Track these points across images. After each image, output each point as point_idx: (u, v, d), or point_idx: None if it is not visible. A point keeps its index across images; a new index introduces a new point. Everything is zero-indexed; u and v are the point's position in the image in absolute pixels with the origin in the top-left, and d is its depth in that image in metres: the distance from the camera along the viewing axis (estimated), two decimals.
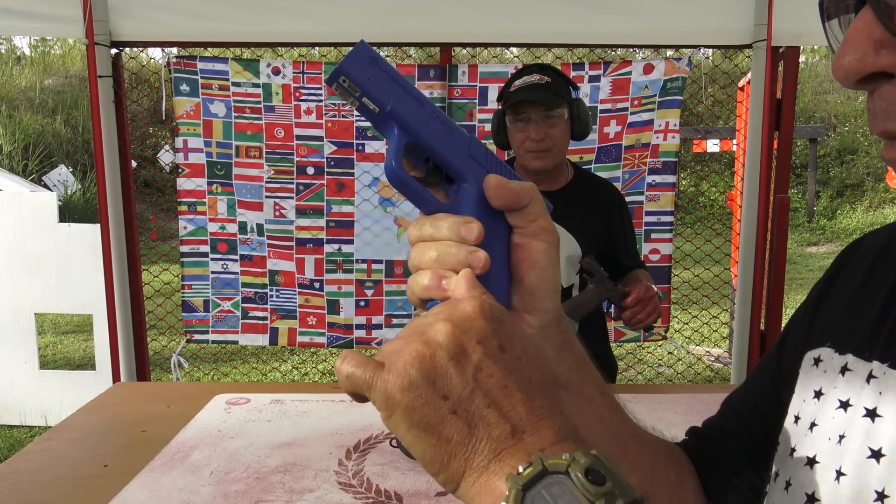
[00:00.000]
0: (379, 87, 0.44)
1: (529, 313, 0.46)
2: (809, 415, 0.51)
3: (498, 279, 0.45)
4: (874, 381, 0.47)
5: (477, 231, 0.43)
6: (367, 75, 0.44)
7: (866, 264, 0.55)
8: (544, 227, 0.46)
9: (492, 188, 0.45)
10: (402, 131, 0.45)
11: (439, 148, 0.46)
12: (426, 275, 0.44)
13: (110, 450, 1.36)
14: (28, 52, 12.29)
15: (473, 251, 0.43)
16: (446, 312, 0.38)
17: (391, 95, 0.44)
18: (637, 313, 1.66)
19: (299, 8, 2.49)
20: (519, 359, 0.37)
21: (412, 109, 0.45)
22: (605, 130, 2.68)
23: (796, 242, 9.91)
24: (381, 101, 0.44)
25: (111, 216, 2.51)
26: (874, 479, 0.44)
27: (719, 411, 0.68)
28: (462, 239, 0.43)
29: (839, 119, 12.06)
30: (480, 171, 0.46)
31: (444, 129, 0.46)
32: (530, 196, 0.45)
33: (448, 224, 0.44)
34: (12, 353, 3.78)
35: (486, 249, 0.43)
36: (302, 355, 4.79)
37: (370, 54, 0.44)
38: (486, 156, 0.47)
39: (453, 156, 0.46)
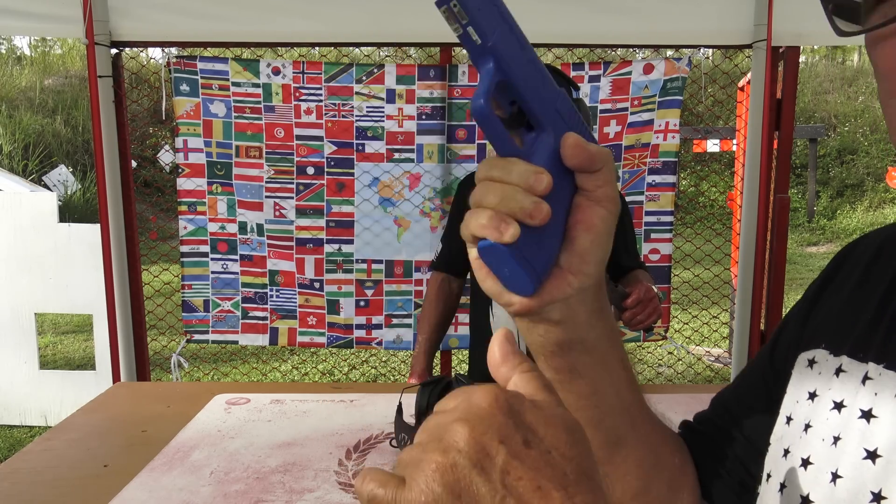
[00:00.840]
0: (487, 19, 0.43)
1: (573, 274, 0.46)
2: (803, 416, 0.51)
3: (552, 235, 0.45)
4: (870, 383, 0.47)
5: (546, 182, 0.43)
6: (478, 4, 0.43)
7: (861, 266, 0.55)
8: (609, 196, 0.46)
9: (569, 146, 0.44)
10: (498, 68, 0.44)
11: (529, 94, 0.45)
12: (486, 214, 0.43)
13: (110, 450, 1.36)
14: (28, 52, 12.30)
15: (538, 201, 0.42)
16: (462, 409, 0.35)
17: (497, 30, 0.43)
18: (637, 314, 1.66)
19: (299, 8, 2.49)
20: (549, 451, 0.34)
21: (513, 49, 0.44)
22: (605, 130, 2.68)
23: (796, 242, 9.92)
24: (486, 34, 0.43)
25: (111, 216, 2.51)
26: (870, 480, 0.44)
27: (710, 406, 0.68)
28: (529, 187, 0.43)
29: (839, 119, 12.06)
30: (562, 125, 0.46)
31: (538, 77, 0.46)
32: (603, 162, 0.45)
33: (519, 170, 0.43)
34: (12, 353, 3.78)
35: (549, 203, 0.43)
36: (302, 355, 4.79)
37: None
38: (571, 113, 0.47)
39: (540, 104, 0.46)
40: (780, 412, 0.55)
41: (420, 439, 0.35)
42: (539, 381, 0.38)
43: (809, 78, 12.59)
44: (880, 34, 0.41)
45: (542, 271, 0.45)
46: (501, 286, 0.46)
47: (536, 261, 0.45)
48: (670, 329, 3.03)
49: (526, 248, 0.44)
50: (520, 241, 0.43)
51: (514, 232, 0.42)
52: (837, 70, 13.09)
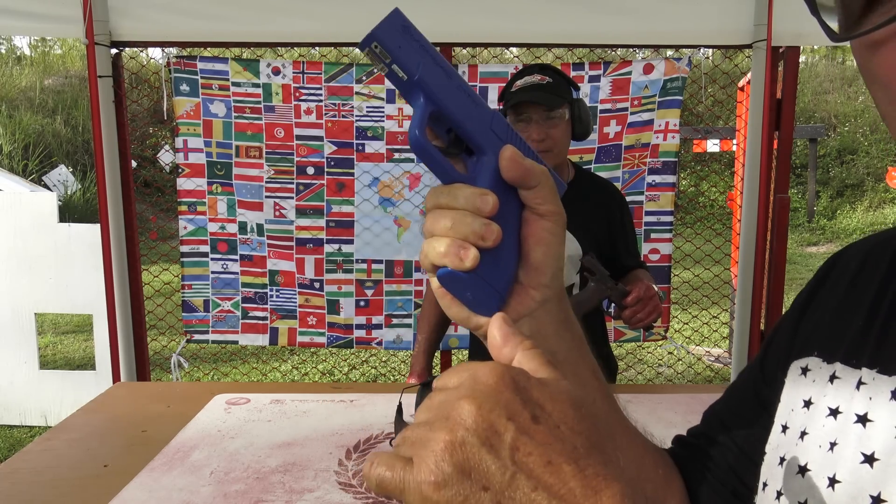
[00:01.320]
0: (409, 56, 0.45)
1: (534, 288, 0.47)
2: (799, 424, 0.51)
3: (507, 253, 0.46)
4: (864, 388, 0.47)
5: (492, 203, 0.44)
6: (398, 43, 0.44)
7: (849, 275, 0.55)
8: (552, 210, 0.47)
9: (505, 159, 0.45)
10: (428, 100, 0.46)
11: (462, 119, 0.46)
12: (443, 242, 0.44)
13: (110, 450, 1.36)
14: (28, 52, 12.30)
15: (487, 223, 0.43)
16: (468, 387, 0.35)
17: (420, 64, 0.45)
18: (637, 312, 1.66)
19: (299, 8, 2.49)
20: (557, 426, 0.34)
21: (439, 80, 0.46)
22: (605, 130, 2.68)
23: (796, 242, 9.92)
24: (411, 70, 0.45)
25: (111, 216, 2.51)
26: (869, 483, 0.44)
27: (702, 420, 0.68)
28: (477, 210, 0.44)
29: (839, 119, 12.06)
30: (500, 145, 0.47)
31: (468, 102, 0.47)
32: (539, 179, 0.46)
33: (465, 194, 0.44)
34: (12, 353, 3.78)
35: (499, 222, 0.45)
36: (302, 355, 4.79)
37: (403, 22, 0.45)
38: (507, 131, 0.48)
39: (475, 128, 0.47)
40: (774, 421, 0.55)
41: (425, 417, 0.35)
42: (542, 357, 0.38)
43: (809, 78, 12.59)
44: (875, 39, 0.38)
45: (504, 290, 0.47)
46: (468, 311, 0.47)
47: (497, 281, 0.46)
48: (670, 329, 3.03)
49: (484, 270, 0.45)
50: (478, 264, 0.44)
51: (473, 256, 0.43)
52: (837, 70, 13.09)
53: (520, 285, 0.47)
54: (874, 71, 0.40)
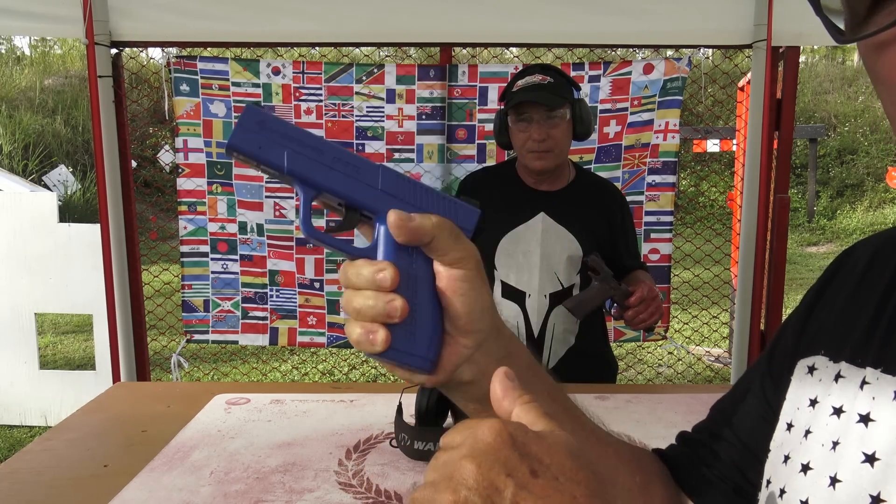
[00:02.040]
0: (272, 152, 0.45)
1: (464, 336, 0.47)
2: (804, 422, 0.52)
3: (425, 313, 0.46)
4: (867, 387, 0.47)
5: (390, 277, 0.44)
6: (257, 143, 0.45)
7: (857, 272, 0.55)
8: (456, 258, 0.46)
9: (392, 226, 0.45)
10: (306, 186, 0.46)
11: (345, 192, 0.47)
12: (355, 328, 0.45)
13: (110, 450, 1.36)
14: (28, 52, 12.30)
15: (391, 300, 0.44)
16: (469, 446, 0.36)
17: (285, 156, 0.45)
18: (640, 313, 1.66)
19: (299, 8, 2.49)
20: (556, 478, 0.35)
21: (309, 163, 0.46)
22: (605, 130, 2.68)
23: (796, 242, 9.91)
24: (277, 165, 0.45)
25: (111, 216, 2.51)
26: (869, 483, 0.44)
27: (708, 415, 0.69)
28: (378, 287, 0.44)
29: (839, 119, 12.06)
30: (394, 203, 0.47)
31: (348, 171, 0.47)
32: (432, 233, 0.45)
33: (365, 272, 0.45)
34: (12, 353, 3.78)
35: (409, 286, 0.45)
36: (302, 355, 4.79)
37: (257, 118, 0.45)
38: (398, 186, 0.48)
39: (362, 196, 0.47)
40: (780, 419, 0.55)
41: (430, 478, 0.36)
42: (538, 410, 0.39)
43: (809, 78, 12.59)
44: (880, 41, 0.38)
45: (427, 352, 0.46)
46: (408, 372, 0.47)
47: (418, 348, 0.46)
48: (670, 329, 3.03)
49: (402, 342, 0.45)
50: (394, 338, 0.45)
51: (382, 340, 0.44)
52: (837, 70, 13.09)
53: (449, 336, 0.47)
54: (879, 72, 0.40)
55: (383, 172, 0.48)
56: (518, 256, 1.79)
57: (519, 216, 1.80)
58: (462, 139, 2.70)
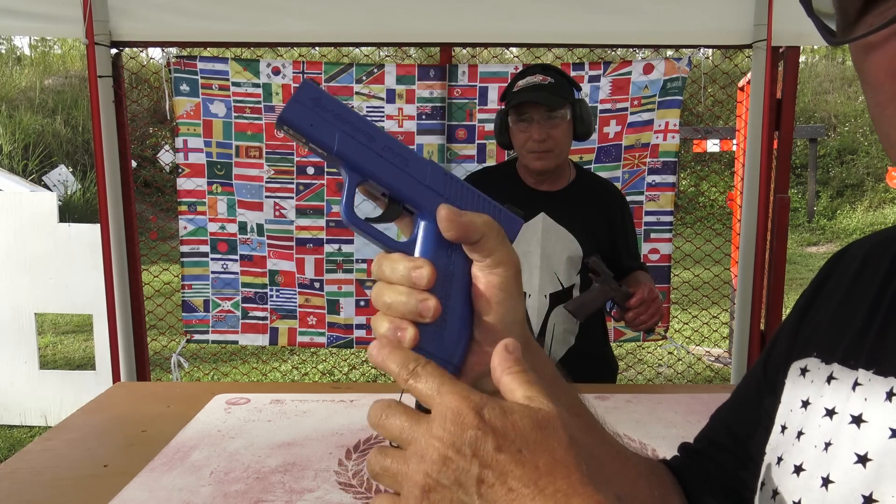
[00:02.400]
0: (323, 131, 0.44)
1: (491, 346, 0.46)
2: (797, 424, 0.52)
3: (454, 319, 0.45)
4: (860, 389, 0.47)
5: (427, 276, 0.43)
6: (309, 120, 0.43)
7: (850, 275, 0.55)
8: (500, 261, 0.45)
9: (442, 220, 0.44)
10: (353, 171, 0.45)
11: (392, 183, 0.46)
12: (384, 323, 0.44)
13: (110, 450, 1.36)
14: (28, 52, 12.30)
15: (424, 299, 0.43)
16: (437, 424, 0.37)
17: (337, 137, 0.44)
18: (640, 314, 1.66)
19: (299, 8, 2.49)
20: (520, 451, 0.36)
21: (359, 148, 0.45)
22: (605, 130, 2.68)
23: (796, 242, 9.91)
24: (327, 144, 0.44)
25: (111, 216, 2.51)
26: (861, 483, 0.44)
27: (708, 423, 0.69)
28: (413, 285, 0.43)
29: (839, 119, 12.06)
30: (439, 201, 0.46)
31: (397, 163, 0.46)
32: (482, 231, 0.44)
33: (401, 268, 0.44)
34: (12, 353, 3.78)
35: (443, 286, 0.44)
36: (302, 355, 4.79)
37: (313, 95, 0.44)
38: (445, 184, 0.47)
39: (408, 189, 0.46)
40: (774, 421, 0.56)
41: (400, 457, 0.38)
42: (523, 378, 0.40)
43: (809, 78, 12.58)
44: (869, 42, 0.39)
45: (455, 357, 0.46)
46: None
47: (444, 351, 0.45)
48: (670, 329, 3.03)
49: (429, 344, 0.44)
50: (422, 337, 0.44)
51: (410, 337, 0.44)
52: (837, 70, 13.08)
53: (478, 344, 0.46)
54: (866, 72, 0.40)
55: (432, 168, 0.47)
56: None
57: None
58: (462, 139, 2.71)
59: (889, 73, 0.38)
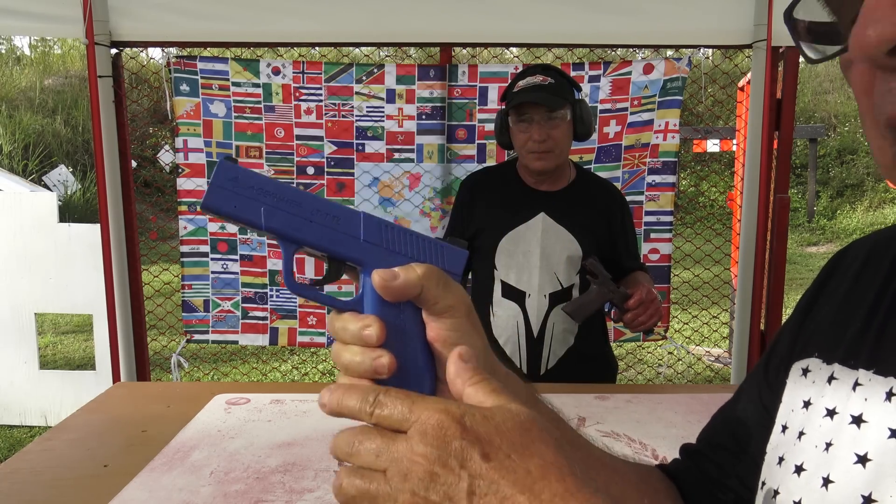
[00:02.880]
0: (248, 210, 0.44)
1: None
2: (798, 424, 0.52)
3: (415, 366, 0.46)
4: (860, 389, 0.47)
5: (376, 334, 0.43)
6: (232, 202, 0.43)
7: (850, 275, 0.56)
8: (447, 307, 0.45)
9: (377, 287, 0.44)
10: (286, 241, 0.45)
11: (327, 245, 0.46)
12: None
13: (110, 450, 1.36)
14: (28, 52, 12.30)
15: (378, 356, 0.43)
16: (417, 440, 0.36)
17: (262, 212, 0.44)
18: (639, 315, 1.66)
19: (299, 8, 2.49)
20: (509, 456, 0.35)
21: (287, 218, 0.45)
22: (605, 130, 2.68)
23: (796, 242, 9.91)
24: (255, 222, 0.44)
25: (111, 216, 2.51)
26: (861, 483, 0.44)
27: (709, 423, 0.69)
28: (365, 344, 0.44)
29: (839, 119, 12.06)
30: (377, 252, 0.46)
31: (328, 223, 0.46)
32: (420, 285, 0.44)
33: (351, 327, 0.44)
34: (12, 353, 3.78)
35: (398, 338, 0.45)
36: (302, 355, 4.79)
37: (230, 175, 0.44)
38: (381, 233, 0.47)
39: (344, 248, 0.46)
40: (775, 421, 0.56)
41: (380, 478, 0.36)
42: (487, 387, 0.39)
43: (809, 78, 12.58)
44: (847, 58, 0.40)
45: None
46: None
47: None
48: (670, 329, 3.03)
49: None
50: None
51: None
52: (837, 70, 13.07)
53: (443, 384, 0.46)
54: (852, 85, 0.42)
55: (365, 221, 0.46)
56: (518, 256, 1.79)
57: (519, 216, 1.80)
58: (462, 139, 2.71)
59: (862, 90, 0.39)
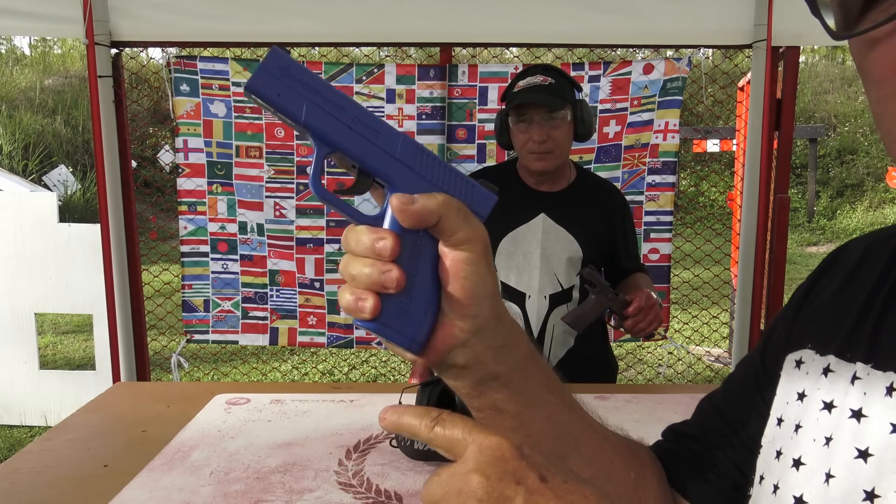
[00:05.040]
0: (291, 101, 0.43)
1: (461, 320, 0.45)
2: (793, 417, 0.52)
3: (421, 291, 0.45)
4: (858, 383, 0.47)
5: (390, 247, 0.43)
6: (277, 90, 0.43)
7: (847, 269, 0.56)
8: (464, 238, 0.45)
9: (395, 210, 0.43)
10: (321, 142, 0.44)
11: (360, 155, 0.45)
12: (346, 293, 0.44)
13: (110, 450, 1.36)
14: (28, 52, 12.30)
15: (387, 270, 0.42)
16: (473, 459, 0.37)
17: (304, 107, 0.43)
18: (638, 322, 1.66)
19: (299, 8, 2.49)
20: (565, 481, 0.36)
21: (328, 119, 0.44)
22: (605, 130, 2.68)
23: (796, 242, 9.91)
24: (295, 115, 0.43)
25: (111, 216, 2.51)
26: (863, 479, 0.44)
27: (698, 409, 0.68)
28: (377, 255, 0.43)
29: (839, 119, 12.06)
30: (409, 174, 0.45)
31: (367, 134, 0.45)
32: (438, 213, 0.44)
33: (365, 239, 0.43)
34: (12, 353, 3.78)
35: (410, 260, 0.44)
36: (302, 355, 4.79)
37: (281, 64, 0.43)
38: (415, 158, 0.46)
39: (377, 162, 0.45)
40: (770, 414, 0.56)
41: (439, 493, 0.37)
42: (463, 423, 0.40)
43: (809, 78, 12.58)
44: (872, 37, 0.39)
45: (416, 332, 0.45)
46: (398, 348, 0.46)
47: (405, 325, 0.44)
48: (670, 329, 3.03)
49: (390, 317, 0.44)
50: (384, 311, 0.43)
51: (371, 307, 0.43)
52: (837, 70, 13.08)
53: (446, 318, 0.46)
54: (869, 68, 0.40)
55: (403, 141, 0.46)
56: (518, 257, 1.79)
57: (519, 217, 1.80)
58: (462, 139, 2.71)
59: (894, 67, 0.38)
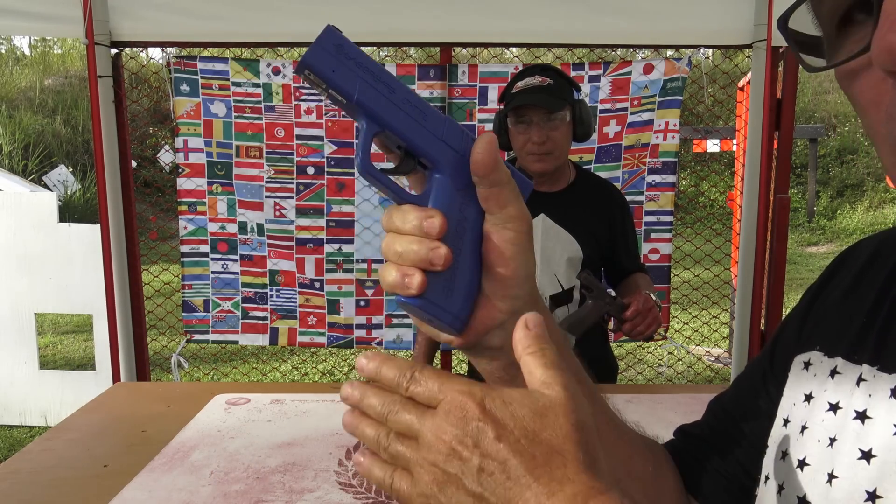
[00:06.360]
0: (344, 78, 0.43)
1: (501, 300, 0.46)
2: (800, 418, 0.52)
3: (464, 270, 0.45)
4: (864, 384, 0.47)
5: (438, 225, 0.43)
6: (332, 66, 0.43)
7: (856, 270, 0.55)
8: (514, 216, 0.46)
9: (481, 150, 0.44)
10: (371, 121, 0.44)
11: (408, 135, 0.45)
12: (392, 270, 0.45)
13: (110, 450, 1.36)
14: (28, 52, 12.30)
15: (435, 247, 0.43)
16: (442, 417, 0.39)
17: (357, 85, 0.44)
18: (637, 325, 1.65)
19: (299, 8, 2.49)
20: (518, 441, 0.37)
21: (379, 98, 0.44)
22: (605, 130, 2.68)
23: (796, 242, 9.91)
24: (348, 92, 0.43)
25: (111, 216, 2.51)
26: (865, 479, 0.44)
27: (707, 411, 0.68)
28: (425, 234, 0.43)
29: (839, 119, 12.06)
30: (454, 156, 0.46)
31: (415, 116, 0.45)
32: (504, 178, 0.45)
33: (412, 217, 0.44)
34: (12, 353, 3.78)
35: (455, 239, 0.44)
36: (302, 355, 4.79)
37: (336, 41, 0.43)
38: (462, 139, 0.46)
39: (424, 142, 0.45)
40: (777, 414, 0.56)
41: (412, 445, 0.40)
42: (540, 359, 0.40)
43: (809, 78, 12.56)
44: (851, 69, 0.39)
45: (460, 310, 0.45)
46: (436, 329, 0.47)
47: (450, 303, 0.45)
48: (670, 329, 3.03)
49: (435, 294, 0.44)
50: (429, 289, 0.44)
51: (418, 284, 0.43)
52: None
53: (486, 298, 0.46)
54: (854, 97, 0.41)
55: (449, 125, 0.46)
56: None
57: None
58: None
59: (872, 102, 0.39)
